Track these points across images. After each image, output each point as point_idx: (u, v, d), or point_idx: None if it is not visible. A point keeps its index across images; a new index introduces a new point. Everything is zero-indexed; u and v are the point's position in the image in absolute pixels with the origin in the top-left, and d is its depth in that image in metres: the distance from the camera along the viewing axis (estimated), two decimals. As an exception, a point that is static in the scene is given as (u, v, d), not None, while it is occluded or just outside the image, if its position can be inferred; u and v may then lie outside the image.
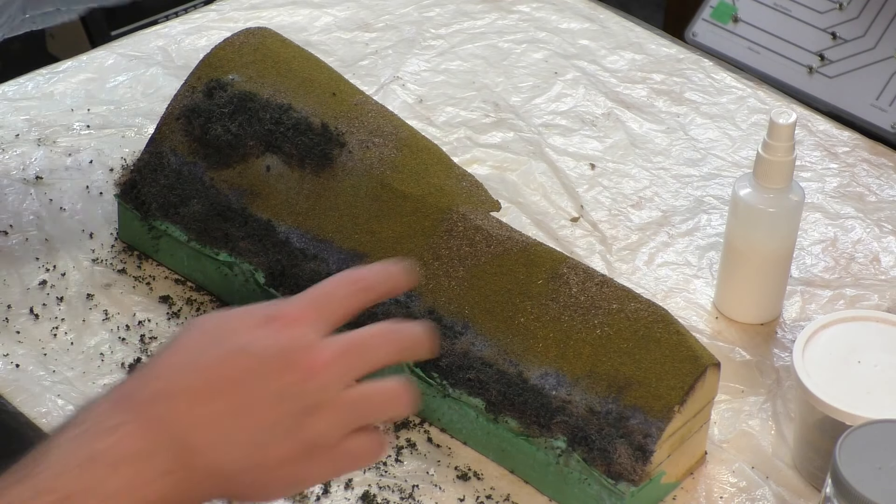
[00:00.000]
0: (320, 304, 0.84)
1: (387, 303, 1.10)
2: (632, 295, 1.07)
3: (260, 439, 0.80)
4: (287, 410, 0.80)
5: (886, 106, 1.43)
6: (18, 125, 1.36)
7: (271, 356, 0.81)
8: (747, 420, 1.13)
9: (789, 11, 1.51)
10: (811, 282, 1.26)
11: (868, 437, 0.91)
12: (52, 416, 1.09)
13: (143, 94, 1.41)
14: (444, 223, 1.12)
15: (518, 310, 1.07)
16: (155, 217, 1.19)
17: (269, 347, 0.81)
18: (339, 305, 0.85)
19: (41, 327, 1.17)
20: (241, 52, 1.22)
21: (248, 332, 0.82)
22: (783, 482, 1.09)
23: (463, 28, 1.53)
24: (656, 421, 1.02)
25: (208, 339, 0.82)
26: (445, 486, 1.07)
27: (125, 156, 1.33)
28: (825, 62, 1.47)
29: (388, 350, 0.84)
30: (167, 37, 1.49)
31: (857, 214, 1.33)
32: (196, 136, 1.19)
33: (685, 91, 1.46)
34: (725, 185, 1.35)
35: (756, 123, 1.42)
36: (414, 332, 0.85)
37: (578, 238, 1.29)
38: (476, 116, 1.42)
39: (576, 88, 1.46)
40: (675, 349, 1.04)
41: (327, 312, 0.84)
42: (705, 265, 1.27)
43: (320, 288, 0.85)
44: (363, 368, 0.83)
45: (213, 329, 0.83)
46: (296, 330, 0.82)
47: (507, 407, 1.06)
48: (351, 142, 1.16)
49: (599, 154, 1.38)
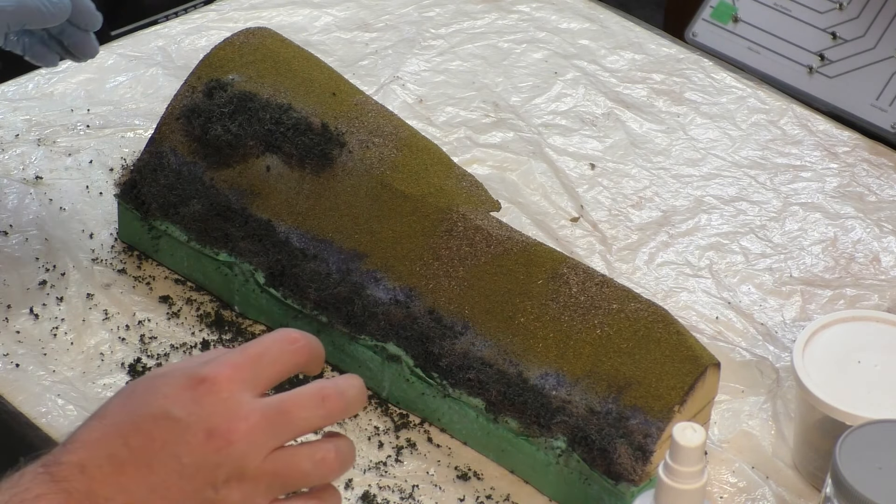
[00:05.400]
0: (253, 363, 0.83)
1: (387, 303, 1.10)
2: (632, 295, 1.07)
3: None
4: (203, 481, 0.80)
5: (886, 106, 1.43)
6: (18, 125, 1.36)
7: (192, 424, 0.80)
8: (747, 420, 1.13)
9: (789, 11, 1.51)
10: (811, 282, 1.26)
11: (868, 437, 0.91)
12: (52, 416, 1.09)
13: (143, 94, 1.41)
14: (444, 223, 1.12)
15: (518, 310, 1.07)
16: (155, 217, 1.19)
17: (191, 414, 0.80)
18: (273, 364, 0.83)
19: (41, 327, 1.17)
20: (241, 52, 1.22)
21: (174, 395, 0.81)
22: (783, 482, 1.09)
23: (463, 28, 1.53)
24: (656, 421, 1.02)
25: (135, 402, 0.82)
26: (445, 486, 1.07)
27: (125, 156, 1.33)
28: (825, 62, 1.47)
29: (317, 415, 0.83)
30: (167, 37, 1.49)
31: (857, 214, 1.33)
32: (196, 136, 1.19)
33: (685, 91, 1.46)
34: (725, 185, 1.35)
35: (756, 123, 1.42)
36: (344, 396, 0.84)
37: (578, 238, 1.29)
38: (476, 116, 1.42)
39: (576, 88, 1.46)
40: (675, 349, 1.04)
41: (259, 371, 0.83)
42: (705, 265, 1.27)
43: (254, 345, 0.84)
44: (288, 435, 0.82)
45: (141, 392, 0.82)
46: (222, 394, 0.81)
47: (507, 407, 1.06)
48: (351, 142, 1.16)
49: (599, 154, 1.38)
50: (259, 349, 0.84)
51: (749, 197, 1.34)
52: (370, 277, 1.11)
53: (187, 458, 0.80)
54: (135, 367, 1.13)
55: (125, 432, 0.80)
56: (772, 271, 1.27)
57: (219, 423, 0.80)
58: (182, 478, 0.79)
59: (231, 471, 0.80)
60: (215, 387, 0.81)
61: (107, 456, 0.80)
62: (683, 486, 0.90)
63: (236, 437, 0.80)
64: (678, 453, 0.89)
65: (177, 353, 1.14)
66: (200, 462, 0.79)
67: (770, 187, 1.35)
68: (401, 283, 1.11)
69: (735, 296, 1.24)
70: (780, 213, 1.33)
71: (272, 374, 0.84)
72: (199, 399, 0.80)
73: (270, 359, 0.84)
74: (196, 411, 0.80)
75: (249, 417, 0.80)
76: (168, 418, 0.80)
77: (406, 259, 1.11)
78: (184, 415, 0.80)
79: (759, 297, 1.24)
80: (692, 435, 0.88)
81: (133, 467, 0.79)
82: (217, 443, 0.80)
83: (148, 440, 0.80)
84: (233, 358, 0.82)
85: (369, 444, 1.09)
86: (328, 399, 0.83)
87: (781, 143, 1.41)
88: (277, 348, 0.84)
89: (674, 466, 0.90)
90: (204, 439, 0.80)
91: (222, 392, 0.81)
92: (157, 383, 0.82)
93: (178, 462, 0.79)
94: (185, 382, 0.81)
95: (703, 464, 0.89)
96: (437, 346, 1.08)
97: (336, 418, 0.84)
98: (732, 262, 1.27)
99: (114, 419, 0.81)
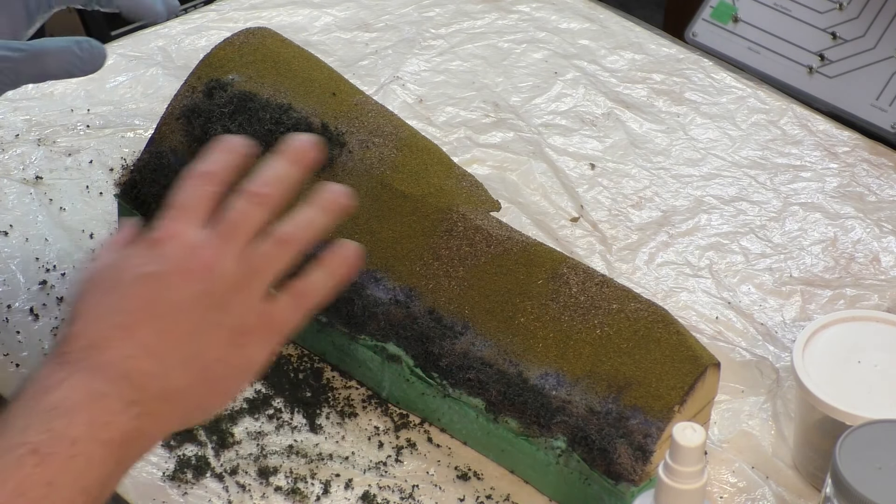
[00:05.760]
0: (185, 207, 0.90)
1: (386, 301, 1.10)
2: (632, 295, 1.07)
3: (192, 349, 0.86)
4: (203, 311, 0.87)
5: (886, 106, 1.43)
6: (18, 125, 1.36)
7: (169, 270, 0.87)
8: (747, 420, 1.13)
9: (789, 11, 1.51)
10: (811, 282, 1.26)
11: (868, 437, 0.91)
12: (52, 416, 1.09)
13: (143, 94, 1.41)
14: (444, 223, 1.12)
15: (518, 310, 1.07)
16: (155, 217, 1.19)
17: (164, 263, 0.87)
18: (200, 200, 0.90)
19: (41, 327, 1.16)
20: (241, 52, 1.22)
21: (140, 260, 0.87)
22: (783, 482, 1.09)
23: (463, 28, 1.53)
24: (656, 421, 1.02)
25: (109, 278, 0.87)
26: (445, 486, 1.07)
27: (125, 156, 1.33)
28: (825, 62, 1.47)
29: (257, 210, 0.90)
30: (167, 37, 1.49)
31: (857, 214, 1.33)
32: (196, 136, 1.18)
33: (685, 91, 1.46)
34: (725, 184, 1.35)
35: (756, 123, 1.42)
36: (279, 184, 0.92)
37: (578, 238, 1.29)
38: (476, 116, 1.42)
39: (576, 88, 1.46)
40: (675, 349, 1.04)
41: (193, 210, 0.90)
42: (705, 265, 1.27)
43: (179, 195, 0.91)
44: (242, 237, 0.89)
45: (109, 269, 0.88)
46: (177, 240, 0.88)
47: (507, 407, 1.06)
48: (351, 142, 1.16)
49: (599, 154, 1.38)
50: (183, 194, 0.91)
51: (749, 197, 1.34)
52: (370, 277, 1.11)
53: (178, 296, 0.86)
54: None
55: (115, 306, 0.86)
56: (772, 271, 1.27)
57: (189, 260, 0.88)
58: (183, 312, 0.86)
59: (220, 287, 0.87)
60: (170, 238, 0.88)
61: (109, 327, 0.85)
62: (683, 486, 0.91)
63: (209, 261, 0.88)
64: (678, 453, 0.89)
65: (177, 353, 1.14)
66: (193, 295, 0.87)
67: (770, 187, 1.35)
68: (401, 282, 1.11)
69: (735, 296, 1.24)
70: (780, 213, 1.33)
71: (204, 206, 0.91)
72: (163, 253, 0.88)
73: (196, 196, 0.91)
74: (165, 261, 0.87)
75: (208, 243, 0.88)
76: (147, 276, 0.87)
77: (406, 259, 1.11)
78: (158, 268, 0.87)
79: (759, 297, 1.24)
80: (692, 435, 0.89)
81: (137, 324, 0.85)
82: (196, 275, 0.87)
83: (139, 300, 0.86)
84: (167, 212, 0.90)
85: (369, 444, 1.09)
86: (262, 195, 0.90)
87: (781, 143, 1.41)
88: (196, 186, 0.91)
89: (674, 466, 0.90)
90: (185, 276, 0.87)
91: (176, 239, 0.88)
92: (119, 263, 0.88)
93: (173, 304, 0.86)
94: (144, 248, 0.89)
95: (703, 464, 0.90)
96: (437, 346, 1.08)
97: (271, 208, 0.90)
98: (732, 262, 1.27)
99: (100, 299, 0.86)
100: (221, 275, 0.88)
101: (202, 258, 0.88)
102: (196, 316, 0.86)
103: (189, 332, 0.86)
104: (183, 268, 0.87)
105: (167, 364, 0.85)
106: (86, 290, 0.88)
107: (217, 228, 0.89)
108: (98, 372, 0.83)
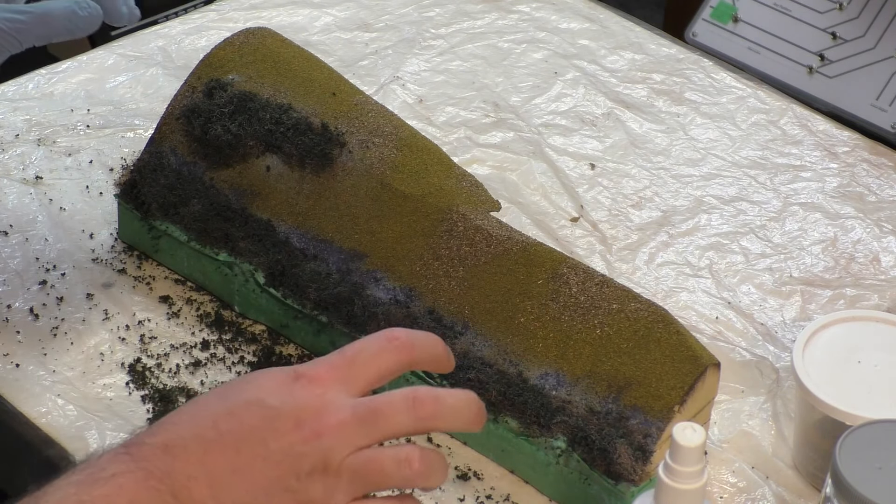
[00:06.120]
0: (349, 363, 0.83)
1: (386, 303, 1.10)
2: (632, 295, 1.07)
3: (255, 500, 0.80)
4: (287, 469, 0.80)
5: (886, 106, 1.43)
6: (18, 125, 1.36)
7: (283, 413, 0.81)
8: (747, 420, 1.13)
9: (789, 11, 1.51)
10: (811, 282, 1.26)
11: (868, 437, 0.91)
12: (52, 416, 1.09)
13: (143, 94, 1.41)
14: (444, 223, 1.12)
15: (518, 310, 1.07)
16: (155, 217, 1.19)
17: (284, 403, 0.81)
18: (369, 363, 0.84)
19: (41, 327, 1.16)
20: (241, 52, 1.22)
21: (269, 387, 0.82)
22: (783, 482, 1.09)
23: (463, 28, 1.53)
24: (656, 421, 1.02)
25: (231, 391, 0.83)
26: (445, 486, 1.07)
27: (125, 156, 1.33)
28: (825, 62, 1.47)
29: (408, 418, 0.83)
30: (167, 37, 1.49)
31: (857, 214, 1.33)
32: (196, 136, 1.19)
33: (685, 91, 1.46)
34: (725, 184, 1.35)
35: (756, 123, 1.42)
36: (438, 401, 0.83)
37: (578, 238, 1.29)
38: (476, 116, 1.42)
39: (576, 88, 1.46)
40: (675, 349, 1.04)
41: (356, 370, 0.83)
42: (705, 265, 1.27)
43: (353, 345, 0.84)
44: (377, 436, 0.82)
45: (238, 383, 0.83)
46: (317, 389, 0.82)
47: (507, 407, 1.06)
48: (351, 142, 1.16)
49: (599, 154, 1.38)
50: (356, 348, 0.84)
51: (749, 197, 1.34)
52: (370, 277, 1.11)
53: (274, 445, 0.80)
54: (135, 366, 1.13)
55: (216, 416, 0.81)
56: (772, 271, 1.27)
57: (309, 414, 0.81)
58: (267, 463, 0.80)
59: (315, 462, 0.80)
60: (311, 383, 0.82)
61: (193, 436, 0.80)
62: (683, 486, 0.90)
63: (325, 430, 0.80)
64: (678, 453, 0.89)
65: (177, 353, 1.14)
66: (287, 450, 0.80)
67: (770, 187, 1.35)
68: (401, 283, 1.11)
69: (735, 296, 1.24)
70: (780, 213, 1.33)
71: (370, 374, 0.84)
72: (294, 392, 0.81)
73: (366, 357, 0.84)
74: (289, 402, 0.81)
75: (340, 413, 0.81)
76: (260, 405, 0.81)
77: (406, 259, 1.11)
78: (277, 403, 0.81)
79: (759, 297, 1.24)
80: (692, 435, 0.88)
81: (219, 448, 0.80)
82: (305, 433, 0.80)
83: (237, 423, 0.80)
84: (330, 358, 0.83)
85: (369, 444, 1.09)
86: (420, 402, 0.83)
87: (781, 143, 1.41)
88: (375, 347, 0.84)
89: (674, 466, 0.89)
90: (293, 427, 0.80)
91: (317, 388, 0.82)
92: (256, 377, 0.83)
93: (264, 447, 0.80)
94: (283, 377, 0.82)
95: (703, 464, 0.89)
96: (437, 346, 1.08)
97: (428, 423, 0.83)
98: (732, 262, 1.27)
99: (206, 405, 0.82)
100: (326, 449, 0.81)
101: (321, 420, 0.81)
102: (276, 473, 0.80)
103: (258, 485, 0.80)
104: (297, 418, 0.81)
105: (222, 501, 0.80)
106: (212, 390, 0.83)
107: (359, 407, 0.82)
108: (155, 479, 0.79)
